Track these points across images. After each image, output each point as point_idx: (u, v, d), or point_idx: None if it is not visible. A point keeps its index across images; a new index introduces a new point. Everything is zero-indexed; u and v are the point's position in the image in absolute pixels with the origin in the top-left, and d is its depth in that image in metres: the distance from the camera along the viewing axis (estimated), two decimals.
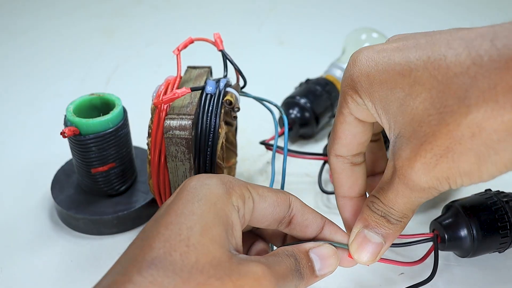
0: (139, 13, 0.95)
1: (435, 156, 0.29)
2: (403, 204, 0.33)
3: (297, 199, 0.36)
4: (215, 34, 0.46)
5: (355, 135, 0.36)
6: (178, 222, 0.30)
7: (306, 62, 0.78)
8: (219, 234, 0.30)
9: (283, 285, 0.31)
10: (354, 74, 0.33)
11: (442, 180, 0.30)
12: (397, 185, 0.32)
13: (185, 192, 0.31)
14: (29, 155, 0.60)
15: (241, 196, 0.32)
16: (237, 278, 0.29)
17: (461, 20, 0.91)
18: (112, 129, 0.46)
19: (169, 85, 0.44)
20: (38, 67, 0.78)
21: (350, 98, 0.34)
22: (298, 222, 0.36)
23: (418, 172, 0.30)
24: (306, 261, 0.34)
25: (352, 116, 0.35)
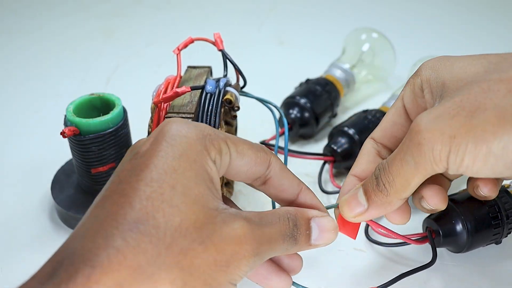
0: (139, 13, 0.95)
1: (457, 108, 0.29)
2: (404, 174, 0.32)
3: (277, 161, 0.35)
4: (215, 34, 0.46)
5: (394, 124, 0.38)
6: (159, 179, 0.28)
7: (306, 62, 0.78)
8: (201, 193, 0.29)
9: (269, 247, 0.31)
10: (423, 66, 0.36)
11: (447, 138, 0.29)
12: (406, 146, 0.32)
13: (163, 142, 0.30)
14: (29, 155, 0.60)
15: (219, 151, 0.31)
16: (219, 241, 0.29)
17: (461, 20, 0.91)
18: (112, 129, 0.46)
19: (169, 84, 0.44)
20: (38, 67, 0.78)
21: (410, 82, 0.36)
22: (274, 184, 0.35)
23: (429, 120, 0.30)
24: (305, 229, 0.34)
25: (401, 102, 0.37)
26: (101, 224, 0.27)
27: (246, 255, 0.29)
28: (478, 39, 0.85)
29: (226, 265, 0.29)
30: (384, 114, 0.56)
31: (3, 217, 0.51)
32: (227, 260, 0.29)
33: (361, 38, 0.67)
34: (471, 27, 0.89)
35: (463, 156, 0.29)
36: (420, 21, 0.91)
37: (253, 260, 0.30)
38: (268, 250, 0.31)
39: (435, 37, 0.86)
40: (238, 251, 0.29)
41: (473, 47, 0.83)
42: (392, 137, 0.38)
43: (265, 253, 0.31)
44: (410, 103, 0.37)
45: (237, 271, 0.29)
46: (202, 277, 0.28)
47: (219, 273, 0.28)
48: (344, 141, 0.54)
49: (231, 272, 0.29)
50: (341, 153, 0.54)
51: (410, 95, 0.36)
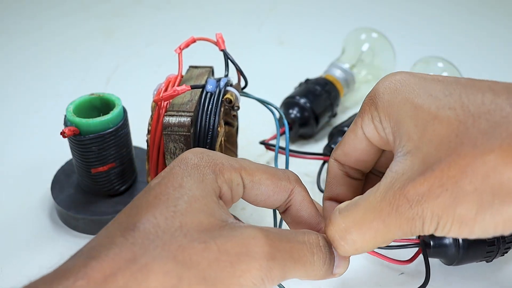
0: (139, 13, 0.95)
1: (441, 187, 0.27)
2: (372, 235, 0.30)
3: (301, 192, 0.35)
4: (217, 34, 0.46)
5: (357, 149, 0.35)
6: (166, 193, 0.30)
7: (306, 62, 0.78)
8: (207, 204, 0.30)
9: (291, 258, 0.29)
10: (380, 88, 0.32)
11: (430, 217, 0.28)
12: (385, 207, 0.29)
13: (176, 168, 0.32)
14: (29, 155, 0.60)
15: (227, 181, 0.32)
16: (223, 242, 0.28)
17: (461, 20, 0.92)
18: (112, 129, 0.46)
19: (169, 84, 0.44)
20: (38, 67, 0.78)
21: (366, 111, 0.33)
22: (292, 214, 0.35)
23: (413, 194, 0.28)
24: (333, 255, 0.32)
25: (361, 130, 0.34)
26: (108, 229, 0.29)
27: (257, 257, 0.28)
28: (478, 39, 0.85)
29: (231, 265, 0.28)
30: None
31: (3, 217, 0.51)
32: (231, 260, 0.28)
33: (361, 38, 0.67)
34: (471, 27, 0.89)
35: (449, 231, 0.28)
36: (420, 21, 0.91)
37: (268, 266, 0.28)
38: (292, 261, 0.30)
39: (435, 37, 0.86)
40: (246, 252, 0.28)
41: (473, 47, 0.83)
42: (358, 161, 0.36)
43: (287, 262, 0.29)
44: (372, 134, 0.33)
45: (247, 275, 0.28)
46: (201, 274, 0.27)
47: (223, 273, 0.27)
48: None
49: (240, 275, 0.28)
50: None
51: (369, 125, 0.33)
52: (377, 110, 0.32)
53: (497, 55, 0.81)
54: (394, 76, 0.32)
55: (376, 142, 0.34)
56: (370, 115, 0.33)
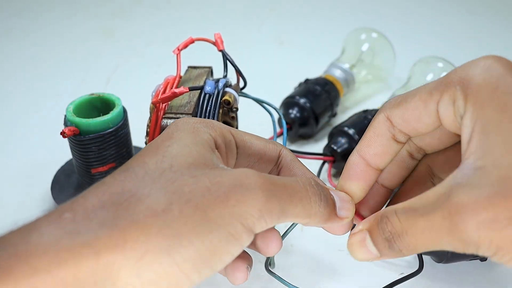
0: (139, 13, 0.95)
1: (510, 219, 0.25)
2: (423, 241, 0.28)
3: (289, 153, 0.34)
4: (216, 34, 0.46)
5: (420, 120, 0.31)
6: (157, 143, 0.30)
7: (306, 62, 0.78)
8: (199, 151, 0.29)
9: (287, 193, 0.29)
10: (476, 75, 0.29)
11: (488, 245, 0.26)
12: (438, 219, 0.27)
13: (168, 128, 0.32)
14: (29, 155, 0.60)
15: (220, 135, 0.32)
16: (215, 176, 0.27)
17: (461, 20, 0.92)
18: (112, 129, 0.46)
19: (168, 85, 0.44)
20: (38, 67, 0.78)
21: (452, 90, 0.29)
22: (285, 175, 0.34)
23: (474, 219, 0.26)
24: (329, 192, 0.32)
25: (435, 105, 0.30)
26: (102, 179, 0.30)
27: (252, 187, 0.27)
28: (478, 39, 0.85)
29: (224, 195, 0.27)
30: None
31: (3, 217, 0.51)
32: (225, 191, 0.27)
33: (361, 38, 0.67)
34: (471, 27, 0.89)
35: (507, 262, 0.27)
36: (420, 21, 0.91)
37: (265, 196, 0.27)
38: (287, 194, 0.29)
39: (435, 37, 0.86)
40: (240, 183, 0.27)
41: (473, 47, 0.83)
42: (414, 130, 0.32)
43: (283, 195, 0.29)
44: (447, 115, 0.30)
45: (243, 205, 0.27)
46: (193, 201, 0.26)
47: (216, 202, 0.27)
48: (344, 141, 0.54)
49: (235, 205, 0.27)
50: (341, 153, 0.54)
51: (448, 107, 0.30)
52: (466, 101, 0.28)
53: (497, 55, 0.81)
54: (495, 68, 0.29)
55: (447, 122, 0.30)
56: (453, 98, 0.29)
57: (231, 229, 0.27)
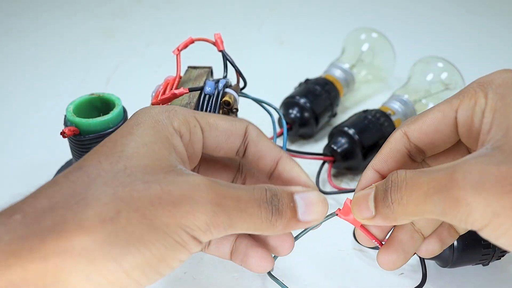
0: (139, 13, 0.95)
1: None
2: (417, 197, 0.29)
3: (255, 129, 0.34)
4: (216, 35, 0.46)
5: (436, 131, 0.33)
6: (114, 140, 0.30)
7: (306, 62, 0.78)
8: (156, 150, 0.29)
9: (238, 208, 0.29)
10: (496, 79, 0.31)
11: (483, 211, 0.25)
12: (439, 175, 0.27)
13: (131, 119, 0.32)
14: (29, 155, 0.60)
15: (184, 122, 0.31)
16: (167, 184, 0.28)
17: (461, 20, 0.91)
18: (112, 129, 0.46)
19: (168, 85, 0.44)
20: (38, 67, 0.78)
21: (472, 95, 0.31)
22: (252, 152, 0.34)
23: (474, 177, 0.26)
24: (287, 200, 0.31)
25: (453, 113, 0.32)
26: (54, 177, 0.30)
27: (201, 201, 0.27)
28: (478, 39, 0.85)
29: (173, 205, 0.27)
30: (384, 114, 0.56)
31: None
32: (173, 201, 0.27)
33: (361, 38, 0.67)
34: (471, 27, 0.89)
35: (501, 235, 0.26)
36: (420, 21, 0.91)
37: (213, 211, 0.28)
38: (238, 211, 0.29)
39: (435, 37, 0.86)
40: (190, 195, 0.27)
41: (473, 47, 0.83)
42: (430, 143, 0.33)
43: (233, 210, 0.29)
44: (464, 119, 0.31)
45: (190, 217, 0.27)
46: (141, 210, 0.27)
47: (164, 212, 0.27)
48: (344, 141, 0.54)
49: (182, 216, 0.27)
50: (341, 153, 0.54)
51: (467, 111, 0.31)
52: (487, 97, 0.30)
53: (497, 55, 0.81)
54: (508, 80, 0.31)
55: (463, 129, 0.32)
56: (474, 101, 0.31)
57: (177, 238, 0.27)
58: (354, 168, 0.55)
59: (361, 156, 0.54)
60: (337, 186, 0.53)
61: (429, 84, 0.61)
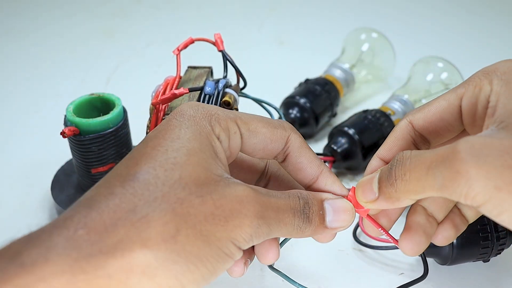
0: (139, 13, 0.95)
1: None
2: (419, 171, 0.29)
3: (297, 138, 0.34)
4: (216, 35, 0.46)
5: (441, 120, 0.33)
6: (165, 144, 0.30)
7: (306, 62, 0.78)
8: (205, 159, 0.30)
9: (276, 216, 0.31)
10: (501, 67, 0.32)
11: (483, 186, 0.25)
12: (442, 150, 0.28)
13: (173, 120, 0.32)
14: (29, 155, 0.60)
15: (225, 129, 0.32)
16: (219, 198, 0.29)
17: (461, 20, 0.91)
18: (112, 129, 0.46)
19: (168, 85, 0.44)
20: (38, 67, 0.78)
21: (477, 83, 0.32)
22: (292, 162, 0.35)
23: (480, 154, 0.26)
24: (317, 208, 0.33)
25: (458, 100, 0.33)
26: (106, 180, 0.30)
27: (248, 215, 0.29)
28: (478, 39, 0.85)
29: (225, 220, 0.29)
30: (384, 114, 0.57)
31: (3, 217, 0.51)
32: (225, 216, 0.29)
33: (361, 38, 0.67)
34: (471, 27, 0.89)
35: (502, 211, 0.26)
36: (420, 21, 0.91)
37: (258, 224, 0.29)
38: (276, 220, 0.31)
39: (435, 37, 0.86)
40: (239, 209, 0.29)
41: (473, 47, 0.83)
42: (435, 131, 0.34)
43: (272, 221, 0.30)
44: (469, 106, 0.32)
45: (238, 230, 0.29)
46: (197, 227, 0.28)
47: (217, 227, 0.28)
48: (344, 141, 0.54)
49: (232, 230, 0.29)
50: (341, 153, 0.54)
51: (472, 98, 0.32)
52: (491, 84, 0.31)
53: (497, 55, 0.81)
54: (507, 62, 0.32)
55: (467, 117, 0.33)
56: (479, 88, 0.32)
57: (227, 250, 0.29)
58: (354, 168, 0.55)
59: (361, 156, 0.54)
60: None
61: (429, 84, 0.61)
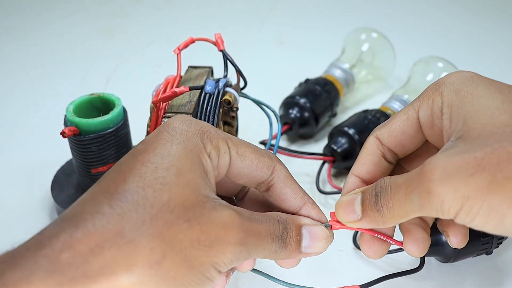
0: (139, 13, 0.95)
1: (477, 166, 0.27)
2: (399, 197, 0.31)
3: (283, 169, 0.35)
4: (216, 35, 0.46)
5: (403, 132, 0.35)
6: (155, 161, 0.30)
7: (306, 62, 0.78)
8: (194, 179, 0.30)
9: (257, 242, 0.31)
10: (448, 79, 0.33)
11: (453, 197, 0.27)
12: (412, 174, 0.30)
13: (164, 133, 0.31)
14: (29, 155, 0.60)
15: (216, 147, 0.32)
16: (205, 223, 0.29)
17: (461, 20, 0.91)
18: (112, 129, 0.46)
19: (168, 84, 0.44)
20: (38, 67, 0.78)
21: (429, 96, 0.34)
22: (276, 192, 0.35)
23: (441, 168, 0.28)
24: (295, 234, 0.33)
25: (416, 113, 0.35)
26: (93, 195, 0.29)
27: (232, 241, 0.30)
28: (478, 39, 0.85)
29: (209, 245, 0.29)
30: (384, 114, 0.57)
31: (3, 217, 0.51)
32: (210, 242, 0.29)
33: (361, 38, 0.67)
34: (471, 27, 0.89)
35: (474, 217, 0.28)
36: (420, 21, 0.91)
37: (239, 250, 0.30)
38: (256, 246, 0.31)
39: (435, 37, 0.86)
40: (224, 236, 0.29)
41: (473, 47, 0.83)
42: (399, 144, 0.36)
43: (252, 246, 0.31)
44: (426, 119, 0.34)
45: (221, 256, 0.29)
46: (183, 252, 0.28)
47: (201, 252, 0.29)
48: (344, 141, 0.54)
49: (215, 255, 0.29)
50: (341, 153, 0.54)
51: (427, 111, 0.34)
52: (442, 96, 0.33)
53: (497, 55, 0.81)
54: (463, 72, 0.33)
55: (426, 128, 0.34)
56: (432, 100, 0.34)
57: (208, 274, 0.29)
58: None
59: None
60: (337, 186, 0.53)
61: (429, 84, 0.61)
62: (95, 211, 0.28)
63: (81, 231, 0.27)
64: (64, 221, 0.28)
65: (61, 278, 0.26)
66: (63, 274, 0.26)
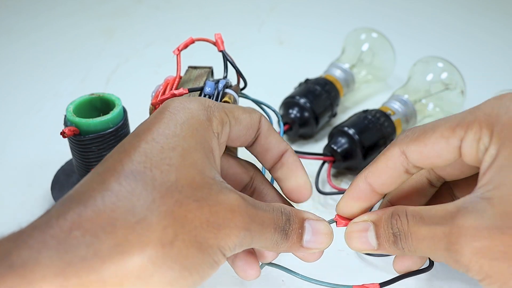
0: (139, 13, 0.95)
1: (504, 253, 0.27)
2: (422, 248, 0.31)
3: (266, 121, 0.35)
4: (216, 35, 0.46)
5: (440, 156, 0.32)
6: (160, 140, 0.29)
7: (306, 62, 0.78)
8: (201, 159, 0.30)
9: (260, 230, 0.31)
10: (502, 114, 0.29)
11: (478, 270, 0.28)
12: (439, 233, 0.29)
13: (166, 113, 0.31)
14: (29, 155, 0.60)
15: (220, 122, 0.32)
16: (214, 204, 0.29)
17: (461, 20, 0.92)
18: (112, 129, 0.46)
19: (168, 85, 0.44)
20: (38, 67, 0.78)
21: (476, 129, 0.30)
22: (261, 143, 0.35)
23: (473, 248, 0.28)
24: (297, 227, 0.33)
25: (457, 141, 0.31)
26: (99, 174, 0.28)
27: (238, 225, 0.29)
28: (478, 39, 0.85)
29: (217, 228, 0.28)
30: (384, 114, 0.57)
31: (3, 217, 0.51)
32: (219, 223, 0.28)
33: (361, 38, 0.67)
34: (471, 27, 0.89)
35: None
36: (420, 21, 0.91)
37: (244, 235, 0.29)
38: (259, 233, 0.31)
39: (435, 37, 0.86)
40: (231, 218, 0.29)
41: (473, 47, 0.83)
42: (431, 163, 0.33)
43: (256, 234, 0.30)
44: (469, 151, 0.31)
45: (227, 239, 0.29)
46: (193, 232, 0.28)
47: (210, 234, 0.28)
48: (344, 141, 0.54)
49: (222, 238, 0.29)
50: (341, 153, 0.54)
51: (471, 146, 0.30)
52: (491, 137, 0.29)
53: (497, 55, 0.81)
54: None
55: (470, 160, 0.31)
56: (479, 135, 0.30)
57: (215, 257, 0.29)
58: (354, 168, 0.55)
59: (361, 156, 0.54)
60: (337, 187, 0.53)
61: (429, 84, 0.61)
62: (103, 188, 0.27)
63: (91, 209, 0.26)
64: (71, 200, 0.27)
65: (71, 258, 0.25)
66: (73, 253, 0.25)
